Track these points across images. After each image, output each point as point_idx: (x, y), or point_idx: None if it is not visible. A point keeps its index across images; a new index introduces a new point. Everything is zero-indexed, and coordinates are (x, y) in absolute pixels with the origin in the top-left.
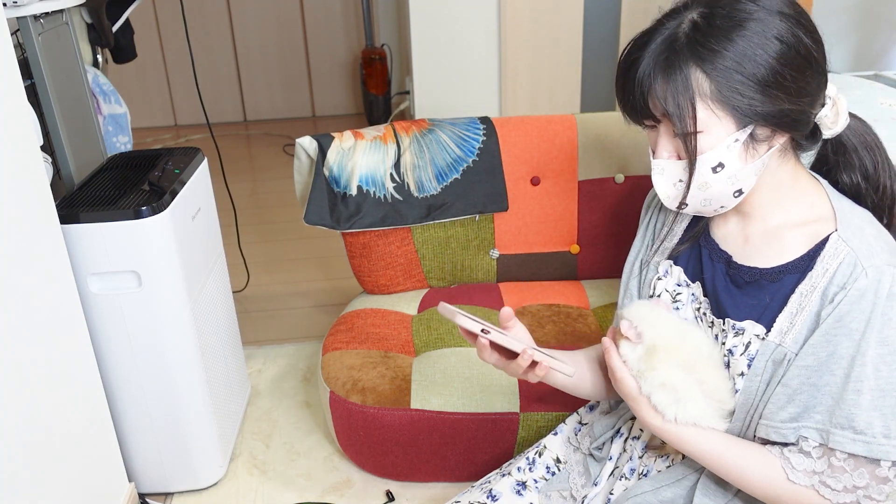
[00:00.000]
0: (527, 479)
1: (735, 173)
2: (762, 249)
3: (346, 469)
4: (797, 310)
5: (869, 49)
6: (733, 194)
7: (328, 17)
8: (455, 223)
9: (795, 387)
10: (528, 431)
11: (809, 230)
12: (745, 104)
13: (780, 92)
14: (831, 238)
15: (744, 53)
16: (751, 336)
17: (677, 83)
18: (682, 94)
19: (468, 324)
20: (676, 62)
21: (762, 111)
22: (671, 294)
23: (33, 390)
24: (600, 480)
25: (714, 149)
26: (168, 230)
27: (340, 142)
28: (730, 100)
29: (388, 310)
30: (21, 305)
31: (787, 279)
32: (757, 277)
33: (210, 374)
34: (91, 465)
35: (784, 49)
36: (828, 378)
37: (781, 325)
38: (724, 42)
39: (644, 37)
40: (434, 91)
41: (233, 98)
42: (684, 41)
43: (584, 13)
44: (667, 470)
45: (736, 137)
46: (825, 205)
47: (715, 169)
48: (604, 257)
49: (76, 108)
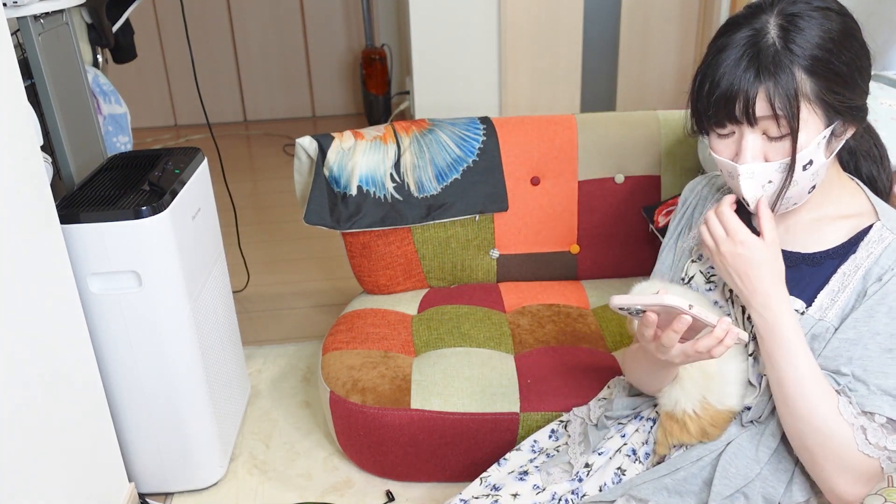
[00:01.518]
0: (528, 468)
1: (818, 169)
2: (802, 238)
3: (346, 469)
4: (839, 287)
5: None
6: (809, 190)
7: (328, 17)
8: (455, 223)
9: (832, 357)
10: (527, 431)
11: (851, 223)
12: (836, 101)
13: (858, 87)
14: (875, 226)
15: (831, 52)
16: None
17: (786, 85)
18: (790, 96)
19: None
20: (782, 64)
21: (847, 106)
22: (704, 275)
23: (33, 390)
24: (604, 451)
25: (807, 146)
26: (168, 230)
27: (340, 142)
28: (825, 97)
29: (388, 310)
30: (21, 305)
31: (827, 263)
32: (797, 262)
33: (210, 374)
34: (91, 465)
35: (857, 46)
36: (861, 351)
37: (822, 302)
38: (814, 42)
39: (731, 41)
40: (434, 91)
41: (233, 98)
42: (780, 44)
43: (584, 13)
44: (683, 452)
45: (825, 134)
46: (864, 200)
47: (805, 166)
48: (604, 257)
49: (76, 108)
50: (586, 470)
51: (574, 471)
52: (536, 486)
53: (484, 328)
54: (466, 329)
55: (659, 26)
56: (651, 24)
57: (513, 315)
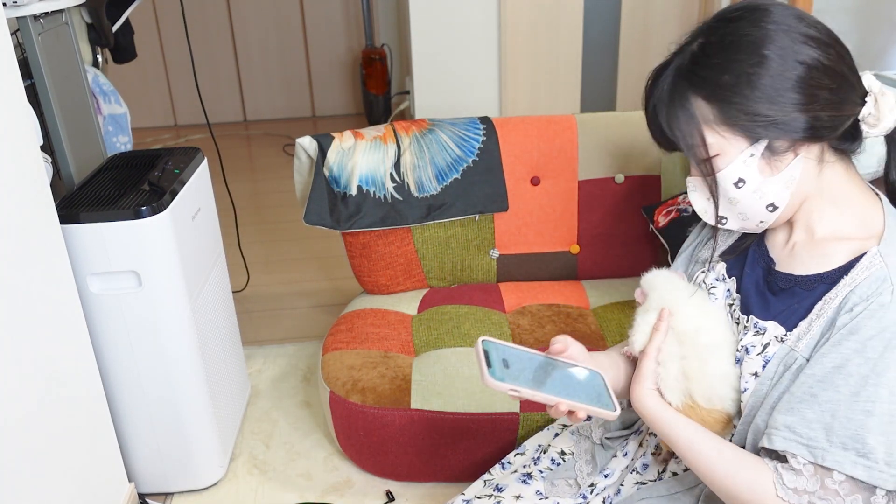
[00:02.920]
0: (532, 470)
1: (759, 187)
2: (804, 259)
3: (346, 469)
4: (816, 316)
5: (869, 49)
6: (766, 208)
7: (328, 17)
8: (455, 223)
9: (798, 395)
10: (527, 431)
11: (854, 245)
12: (749, 122)
13: (784, 105)
14: (869, 252)
15: (738, 74)
16: (771, 337)
17: (683, 115)
18: (689, 125)
19: (500, 387)
20: (678, 94)
21: (768, 125)
22: (706, 288)
23: (33, 390)
24: (611, 473)
25: (730, 166)
26: (168, 230)
27: (340, 142)
28: (734, 120)
29: (388, 310)
30: (21, 305)
31: (819, 288)
32: (792, 285)
33: (210, 374)
34: (91, 465)
35: (777, 63)
36: (831, 394)
37: (799, 331)
38: (718, 67)
39: (656, 71)
40: (434, 91)
41: (233, 98)
42: (684, 72)
43: (584, 13)
44: (683, 474)
45: (750, 153)
46: (878, 221)
47: (737, 184)
48: (604, 257)
49: (76, 108)
50: (590, 489)
51: (580, 491)
52: (539, 493)
53: (484, 328)
54: (466, 329)
55: (659, 26)
56: (651, 24)
57: (513, 315)
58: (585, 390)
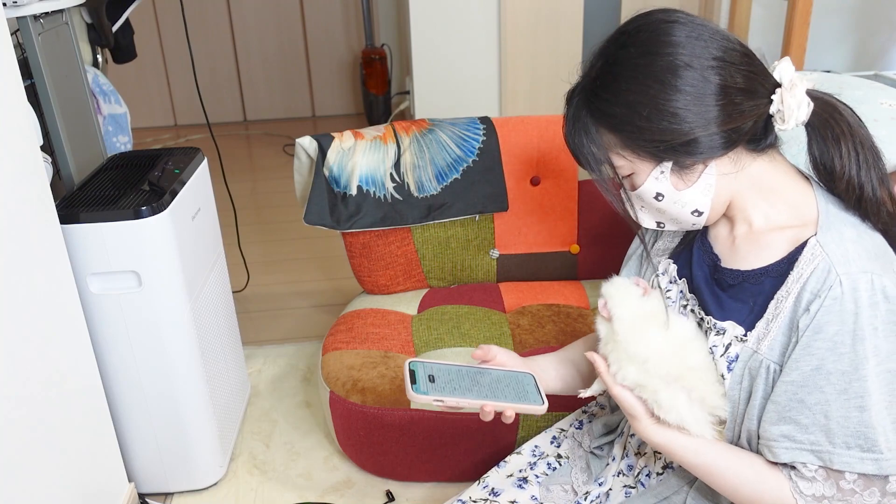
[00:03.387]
0: (528, 475)
1: (678, 199)
2: (747, 252)
3: (346, 469)
4: (772, 316)
5: (869, 49)
6: (692, 214)
7: (328, 17)
8: (455, 223)
9: (784, 403)
10: (527, 431)
11: (790, 234)
12: (650, 146)
13: (678, 128)
14: (809, 242)
15: (630, 102)
16: (731, 337)
17: (588, 141)
18: (597, 153)
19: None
20: (582, 124)
21: (667, 149)
22: (662, 290)
23: (33, 390)
24: (604, 480)
25: (645, 184)
26: (168, 230)
27: (340, 142)
28: (636, 145)
29: (388, 310)
30: (21, 305)
31: (766, 282)
32: (740, 280)
33: (210, 374)
34: (91, 465)
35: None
36: (818, 396)
37: (759, 332)
38: (613, 100)
39: (567, 95)
40: (434, 91)
41: (233, 98)
42: (585, 102)
43: (584, 13)
44: (666, 476)
45: (661, 170)
46: (811, 208)
47: (657, 198)
48: (604, 257)
49: (76, 108)
50: (585, 496)
51: (575, 498)
52: (534, 498)
53: (484, 328)
54: (466, 329)
55: None
56: None
57: (513, 315)
58: (514, 391)
